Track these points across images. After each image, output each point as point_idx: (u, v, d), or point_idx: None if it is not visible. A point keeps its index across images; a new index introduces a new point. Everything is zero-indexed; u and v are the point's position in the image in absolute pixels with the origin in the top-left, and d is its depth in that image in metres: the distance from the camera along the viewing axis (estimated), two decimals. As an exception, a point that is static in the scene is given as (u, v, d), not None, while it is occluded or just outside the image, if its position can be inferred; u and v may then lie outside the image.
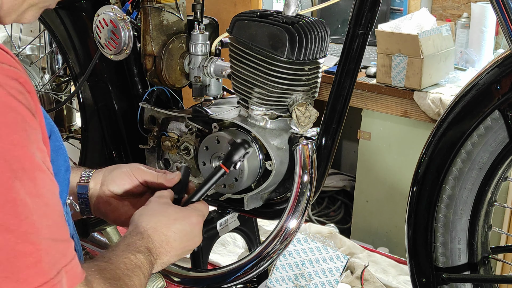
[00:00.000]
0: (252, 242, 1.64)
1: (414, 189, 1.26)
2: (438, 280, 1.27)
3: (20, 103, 0.68)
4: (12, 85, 0.68)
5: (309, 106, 1.30)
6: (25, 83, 0.70)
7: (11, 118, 0.67)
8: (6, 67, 0.69)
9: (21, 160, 0.68)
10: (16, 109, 0.68)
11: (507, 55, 1.13)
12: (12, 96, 0.67)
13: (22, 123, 0.68)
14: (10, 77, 0.68)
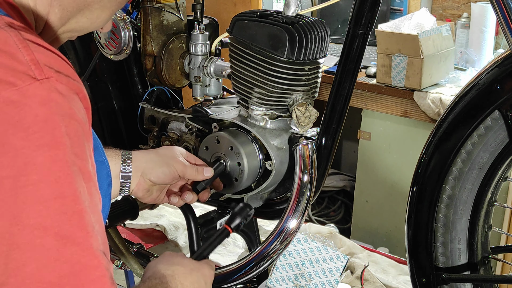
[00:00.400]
0: (252, 242, 1.64)
1: (414, 189, 1.26)
2: (438, 280, 1.27)
3: (81, 118, 0.69)
4: (75, 99, 0.68)
5: (309, 106, 1.30)
6: (84, 98, 0.71)
7: (75, 130, 0.67)
8: (71, 81, 0.69)
9: (83, 173, 0.67)
10: (78, 122, 0.68)
11: (507, 55, 1.13)
12: (74, 110, 0.68)
13: (82, 137, 0.68)
14: (73, 91, 0.68)
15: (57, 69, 0.67)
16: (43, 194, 0.63)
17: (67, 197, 0.65)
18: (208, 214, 1.54)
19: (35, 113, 0.64)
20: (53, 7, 0.79)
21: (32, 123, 0.63)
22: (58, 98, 0.66)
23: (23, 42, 0.66)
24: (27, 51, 0.66)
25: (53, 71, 0.67)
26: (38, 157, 0.63)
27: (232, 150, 1.32)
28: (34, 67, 0.65)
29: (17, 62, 0.65)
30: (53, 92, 0.65)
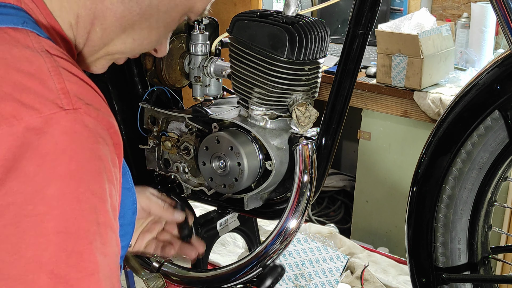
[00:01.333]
0: (252, 242, 1.64)
1: (414, 189, 1.26)
2: (438, 280, 1.27)
3: (105, 155, 0.66)
4: (102, 134, 0.66)
5: (309, 106, 1.30)
6: (114, 134, 0.69)
7: (95, 166, 0.64)
8: (102, 114, 0.67)
9: (97, 212, 0.64)
10: (101, 159, 0.65)
11: (507, 55, 1.13)
12: (99, 145, 0.65)
13: (103, 175, 0.65)
14: (102, 125, 0.66)
15: (88, 101, 0.65)
16: (47, 227, 0.60)
17: (70, 234, 0.61)
18: (208, 214, 1.55)
19: (55, 141, 0.61)
20: (95, 26, 0.77)
21: (50, 151, 0.61)
22: (83, 131, 0.63)
23: (56, 69, 0.65)
24: (59, 79, 0.64)
25: (83, 103, 0.65)
26: (49, 188, 0.60)
27: (232, 150, 1.32)
28: (63, 96, 0.63)
29: (46, 89, 0.63)
30: (79, 123, 0.63)
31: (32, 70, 0.63)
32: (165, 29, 0.82)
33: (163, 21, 0.80)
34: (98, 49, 0.80)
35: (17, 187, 0.60)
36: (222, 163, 1.34)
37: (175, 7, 0.80)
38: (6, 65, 0.63)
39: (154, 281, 1.39)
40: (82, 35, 0.77)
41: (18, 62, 0.63)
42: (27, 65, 0.63)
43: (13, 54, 0.64)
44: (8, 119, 0.60)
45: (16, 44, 0.65)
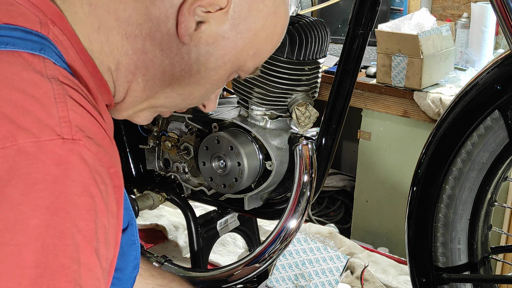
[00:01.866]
0: (252, 242, 1.64)
1: (414, 189, 1.26)
2: (438, 280, 1.27)
3: (100, 194, 0.61)
4: (101, 172, 0.62)
5: (309, 106, 1.30)
6: (115, 175, 0.65)
7: (86, 203, 0.60)
8: (103, 152, 0.63)
9: (79, 251, 0.59)
10: (93, 198, 0.60)
11: (507, 55, 1.13)
12: (95, 182, 0.61)
13: (94, 214, 0.61)
14: (102, 163, 0.62)
15: (90, 135, 0.62)
16: (25, 259, 0.56)
17: (47, 270, 0.57)
18: (208, 214, 1.55)
19: (46, 171, 0.58)
20: (136, 76, 0.74)
21: (39, 181, 0.57)
22: (79, 164, 0.60)
23: (62, 97, 0.61)
24: (62, 108, 0.61)
25: (84, 135, 0.61)
26: (32, 219, 0.57)
27: (232, 150, 1.32)
28: (64, 125, 0.60)
29: (47, 115, 0.60)
30: (75, 155, 0.59)
31: (37, 94, 0.60)
32: (212, 86, 0.79)
33: (210, 78, 0.77)
34: (141, 100, 0.77)
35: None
36: (222, 163, 1.34)
37: (224, 65, 0.76)
38: (11, 86, 0.60)
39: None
40: (123, 82, 0.75)
41: (25, 85, 0.60)
42: (32, 89, 0.60)
43: (21, 76, 0.61)
44: (1, 140, 0.57)
45: (27, 67, 0.62)
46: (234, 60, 0.77)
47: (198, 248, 1.49)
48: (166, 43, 0.73)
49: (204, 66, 0.75)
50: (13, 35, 0.64)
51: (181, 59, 0.74)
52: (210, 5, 0.71)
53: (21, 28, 0.65)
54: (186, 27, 0.71)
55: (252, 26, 0.75)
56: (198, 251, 1.49)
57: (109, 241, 0.63)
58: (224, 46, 0.75)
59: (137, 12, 0.71)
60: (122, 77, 0.74)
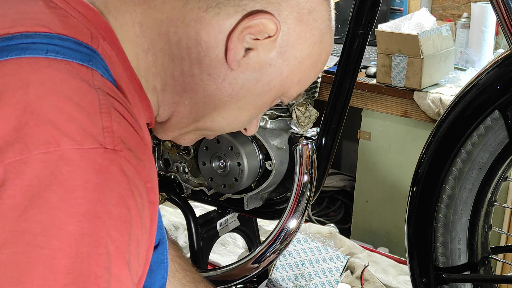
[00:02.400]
0: (252, 242, 1.64)
1: (414, 189, 1.26)
2: (438, 280, 1.27)
3: (136, 207, 0.61)
4: (138, 185, 0.62)
5: (309, 106, 1.30)
6: (151, 190, 0.65)
7: (122, 214, 0.60)
8: (142, 165, 0.63)
9: (111, 261, 0.59)
10: (129, 209, 0.61)
11: (507, 55, 1.13)
12: (132, 194, 0.61)
13: (128, 226, 0.61)
14: (140, 177, 0.63)
15: (131, 147, 0.62)
16: (57, 264, 0.56)
17: (80, 277, 0.57)
18: (208, 214, 1.54)
19: (86, 179, 0.58)
20: (183, 98, 0.75)
21: (79, 188, 0.58)
22: (118, 175, 0.60)
23: (108, 108, 0.62)
24: (107, 118, 0.61)
25: (125, 147, 0.61)
26: (68, 225, 0.57)
27: (232, 150, 1.32)
28: (107, 135, 0.60)
29: (91, 124, 0.60)
30: (115, 166, 0.60)
31: (83, 103, 0.61)
32: (256, 111, 0.81)
33: (254, 103, 0.79)
34: (188, 122, 0.79)
35: (36, 216, 0.56)
36: (222, 163, 1.34)
37: (269, 91, 0.78)
38: (58, 92, 0.61)
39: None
40: (169, 103, 0.76)
41: (72, 92, 0.61)
42: (79, 97, 0.61)
43: (69, 84, 0.62)
44: (44, 145, 0.58)
45: (75, 76, 0.63)
46: (279, 86, 0.78)
47: (198, 248, 1.49)
48: (214, 68, 0.74)
49: (250, 92, 0.77)
50: (64, 45, 0.65)
51: (228, 85, 0.75)
52: (259, 32, 0.72)
53: (72, 39, 0.66)
54: (235, 54, 0.73)
55: (298, 54, 0.77)
56: (198, 251, 1.49)
57: (140, 256, 0.64)
58: (270, 73, 0.76)
59: (187, 36, 0.73)
60: (168, 98, 0.76)
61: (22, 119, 0.59)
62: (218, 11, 0.72)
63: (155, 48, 0.73)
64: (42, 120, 0.59)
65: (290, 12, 0.74)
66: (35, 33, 0.65)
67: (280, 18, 0.73)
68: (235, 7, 0.72)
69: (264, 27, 0.72)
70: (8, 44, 0.64)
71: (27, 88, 0.60)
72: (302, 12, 0.75)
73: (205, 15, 0.72)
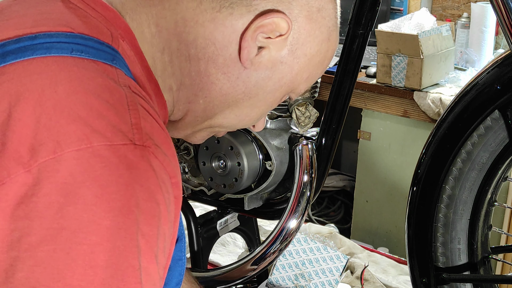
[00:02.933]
0: (252, 242, 1.64)
1: (414, 189, 1.26)
2: (438, 280, 1.27)
3: (164, 201, 0.63)
4: (165, 180, 0.64)
5: (309, 106, 1.30)
6: (176, 185, 0.66)
7: (151, 209, 0.61)
8: (168, 161, 0.65)
9: (141, 254, 0.60)
10: (158, 203, 0.62)
11: (507, 55, 1.13)
12: (160, 189, 0.62)
13: (157, 220, 0.62)
14: (166, 172, 0.64)
15: (158, 143, 0.64)
16: (96, 258, 0.58)
17: (118, 270, 0.58)
18: (208, 214, 1.54)
19: (119, 174, 0.59)
20: (198, 97, 0.77)
21: (112, 183, 0.59)
22: (147, 170, 0.62)
23: (135, 105, 0.64)
24: (135, 115, 0.63)
25: (153, 143, 0.63)
26: (105, 220, 0.58)
27: (232, 150, 1.32)
28: (136, 132, 0.62)
29: (121, 121, 0.61)
30: (145, 161, 0.61)
31: (111, 100, 0.62)
32: (267, 108, 0.82)
33: (266, 100, 0.80)
34: (201, 120, 0.80)
35: (73, 213, 0.57)
36: (222, 163, 1.34)
37: (280, 88, 0.80)
38: (87, 90, 0.62)
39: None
40: (184, 103, 0.77)
41: (100, 90, 0.62)
42: (107, 94, 0.62)
43: (97, 82, 0.63)
44: (76, 142, 0.59)
45: (102, 74, 0.64)
46: (289, 83, 0.80)
47: (198, 248, 1.49)
48: (228, 67, 0.75)
49: (262, 89, 0.78)
50: (87, 44, 0.66)
51: (242, 83, 0.77)
52: (272, 31, 0.74)
53: (95, 39, 0.67)
54: (249, 53, 0.75)
55: (308, 51, 0.78)
56: (198, 251, 1.49)
57: (166, 250, 0.65)
58: (281, 70, 0.78)
59: (202, 36, 0.74)
60: (183, 97, 0.77)
61: (53, 117, 0.60)
62: (231, 11, 0.74)
63: (170, 48, 0.75)
64: (72, 117, 0.60)
65: (300, 11, 0.76)
66: (58, 32, 0.66)
67: (291, 17, 0.75)
68: (248, 6, 0.73)
69: (277, 26, 0.74)
70: (32, 43, 0.64)
71: (56, 86, 0.61)
72: (311, 10, 0.77)
73: (218, 15, 0.74)
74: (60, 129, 0.59)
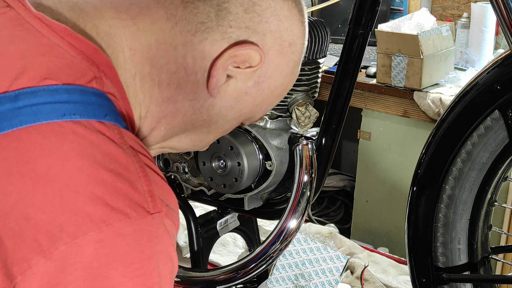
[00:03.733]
0: (252, 242, 1.64)
1: (414, 189, 1.26)
2: (438, 280, 1.27)
3: (175, 254, 0.66)
4: (173, 233, 0.65)
5: (309, 106, 1.30)
6: (176, 229, 0.67)
7: (168, 268, 0.64)
8: (175, 214, 0.66)
9: None
10: (173, 260, 0.65)
11: (507, 55, 1.13)
12: (173, 246, 0.65)
13: (172, 275, 0.65)
14: (176, 226, 0.66)
15: (168, 203, 0.65)
16: None
17: None
18: (208, 214, 1.54)
19: (141, 250, 0.60)
20: (161, 124, 0.75)
21: (136, 260, 0.60)
22: (164, 235, 0.63)
23: (143, 170, 0.63)
24: (146, 182, 0.63)
25: (164, 205, 0.64)
26: None
27: (232, 150, 1.32)
28: (150, 199, 0.62)
29: (135, 192, 0.61)
30: (161, 228, 0.63)
31: (121, 170, 0.61)
32: (221, 134, 0.83)
33: (222, 127, 0.81)
34: (154, 143, 0.79)
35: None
36: (222, 163, 1.34)
37: (239, 117, 0.80)
38: (95, 164, 0.60)
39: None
40: (146, 130, 0.75)
41: (107, 161, 0.61)
42: (116, 164, 0.61)
43: (102, 151, 0.61)
44: (98, 224, 0.58)
45: (103, 139, 0.62)
46: (248, 113, 0.80)
47: (198, 248, 1.49)
48: (195, 93, 0.74)
49: (223, 118, 0.78)
50: (75, 100, 0.63)
51: (205, 111, 0.76)
52: (243, 62, 0.72)
53: (78, 87, 0.64)
54: (218, 81, 0.73)
55: (272, 84, 0.78)
56: (198, 251, 1.49)
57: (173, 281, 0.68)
58: (244, 101, 0.77)
59: (173, 61, 0.72)
60: (147, 125, 0.75)
61: (67, 197, 0.58)
62: (206, 36, 0.71)
63: (141, 72, 0.72)
64: (89, 197, 0.59)
65: (273, 44, 0.74)
66: (41, 87, 0.62)
67: (264, 49, 0.73)
68: (223, 33, 0.71)
69: (249, 58, 0.72)
70: (15, 108, 0.60)
71: (62, 161, 0.59)
72: (283, 44, 0.76)
73: (193, 39, 0.71)
74: (79, 212, 0.58)
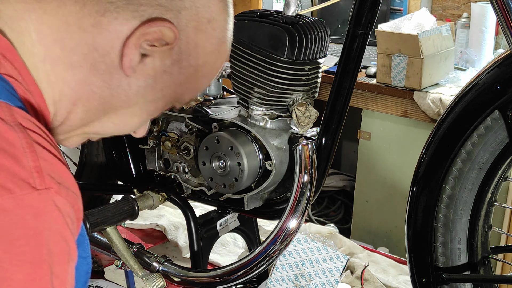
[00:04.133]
0: (252, 242, 1.64)
1: (414, 189, 1.26)
2: (438, 280, 1.27)
3: (71, 234, 0.64)
4: (70, 213, 0.64)
5: (309, 106, 1.30)
6: (78, 210, 0.66)
7: (62, 249, 0.62)
8: (70, 193, 0.64)
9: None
10: (67, 240, 0.63)
11: (507, 55, 1.13)
12: (66, 225, 0.63)
13: (67, 257, 0.63)
14: (70, 204, 0.64)
15: (59, 180, 0.63)
16: None
17: None
18: (208, 214, 1.55)
19: (26, 226, 0.59)
20: (76, 107, 0.74)
21: (20, 236, 0.59)
22: (53, 212, 0.61)
23: (30, 146, 0.62)
24: (33, 157, 0.61)
25: (54, 182, 0.62)
26: (17, 274, 0.58)
27: (232, 150, 1.32)
28: (36, 175, 0.61)
29: (19, 167, 0.60)
30: (50, 205, 0.61)
31: (6, 146, 0.60)
32: (148, 116, 0.80)
33: (147, 109, 0.78)
34: (75, 128, 0.77)
35: None
36: (222, 163, 1.34)
37: (163, 97, 0.77)
38: None
39: (154, 281, 1.39)
40: (62, 113, 0.74)
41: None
42: (1, 141, 0.60)
43: None
44: None
45: None
46: (172, 93, 0.77)
47: (198, 248, 1.49)
48: (110, 74, 0.72)
49: (143, 98, 0.75)
50: None
51: (122, 91, 0.74)
52: (157, 40, 0.71)
53: None
54: (131, 60, 0.71)
55: (194, 62, 0.76)
56: (198, 251, 1.49)
57: (74, 271, 0.66)
58: (165, 80, 0.75)
59: (83, 42, 0.71)
60: (63, 108, 0.74)
61: None
62: (116, 16, 0.70)
63: (51, 56, 0.71)
64: None
65: (189, 21, 0.73)
66: None
67: (179, 27, 0.72)
68: (134, 12, 0.70)
69: (163, 35, 0.71)
70: None
71: None
72: (201, 21, 0.74)
73: (102, 19, 0.70)
74: None
